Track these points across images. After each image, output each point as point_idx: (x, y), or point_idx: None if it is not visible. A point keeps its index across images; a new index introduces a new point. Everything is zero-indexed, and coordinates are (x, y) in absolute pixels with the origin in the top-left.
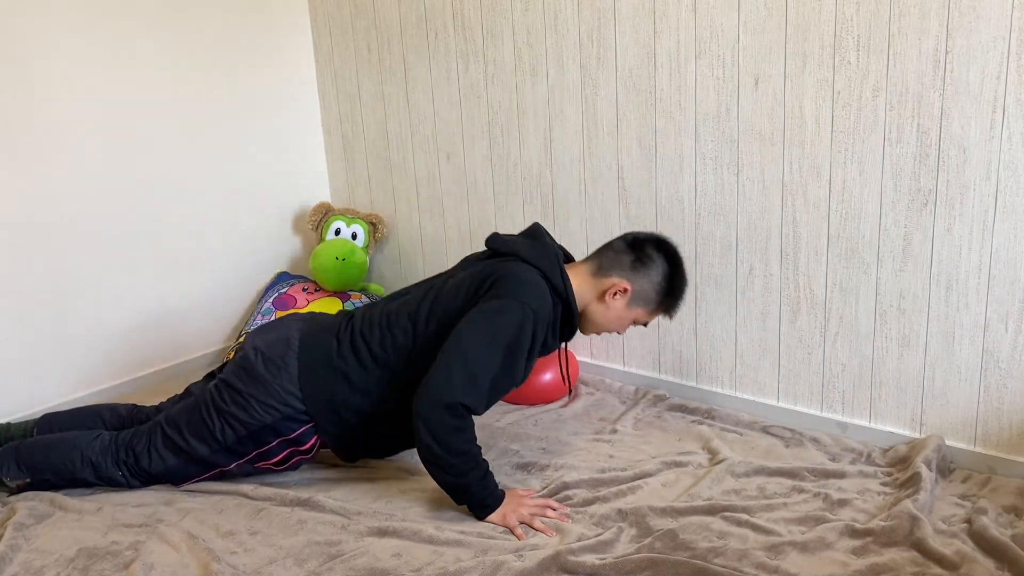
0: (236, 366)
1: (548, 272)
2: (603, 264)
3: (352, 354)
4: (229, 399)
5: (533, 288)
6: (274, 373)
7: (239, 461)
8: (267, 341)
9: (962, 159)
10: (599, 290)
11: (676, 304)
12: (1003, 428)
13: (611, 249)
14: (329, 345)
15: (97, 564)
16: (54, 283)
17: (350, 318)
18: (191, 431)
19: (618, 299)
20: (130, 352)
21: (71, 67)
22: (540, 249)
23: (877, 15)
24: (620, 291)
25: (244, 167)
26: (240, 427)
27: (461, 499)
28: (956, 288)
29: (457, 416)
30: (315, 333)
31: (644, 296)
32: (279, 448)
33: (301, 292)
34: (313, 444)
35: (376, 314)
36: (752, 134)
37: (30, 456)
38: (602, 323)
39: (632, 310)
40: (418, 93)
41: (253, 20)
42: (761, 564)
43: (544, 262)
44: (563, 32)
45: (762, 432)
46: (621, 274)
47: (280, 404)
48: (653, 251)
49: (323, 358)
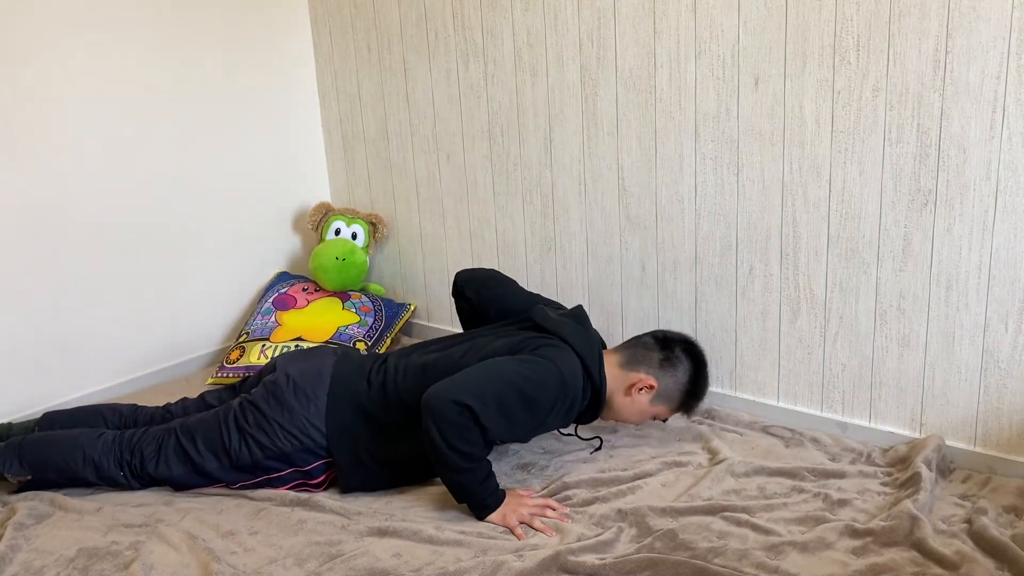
0: (265, 390)
1: (588, 362)
2: (632, 358)
3: (382, 399)
4: (252, 421)
5: (569, 366)
6: (303, 403)
7: (244, 481)
8: (300, 370)
9: (962, 159)
10: (626, 383)
11: (696, 405)
12: (1003, 428)
13: (641, 345)
14: (360, 386)
15: (97, 564)
16: (54, 283)
17: (383, 362)
18: (206, 444)
19: (643, 395)
20: (130, 352)
21: (71, 67)
22: (584, 337)
23: (877, 15)
24: (647, 387)
25: (244, 167)
26: (258, 450)
27: (461, 497)
28: (956, 288)
29: (463, 416)
30: (347, 371)
31: (668, 395)
32: (289, 477)
33: (301, 292)
34: (323, 480)
35: (412, 363)
36: (752, 134)
37: (33, 453)
38: (624, 415)
39: (654, 406)
40: (418, 93)
41: (253, 20)
42: (761, 564)
43: (587, 351)
44: (563, 32)
45: (762, 432)
46: (649, 371)
47: (302, 435)
48: (681, 352)
49: (352, 398)
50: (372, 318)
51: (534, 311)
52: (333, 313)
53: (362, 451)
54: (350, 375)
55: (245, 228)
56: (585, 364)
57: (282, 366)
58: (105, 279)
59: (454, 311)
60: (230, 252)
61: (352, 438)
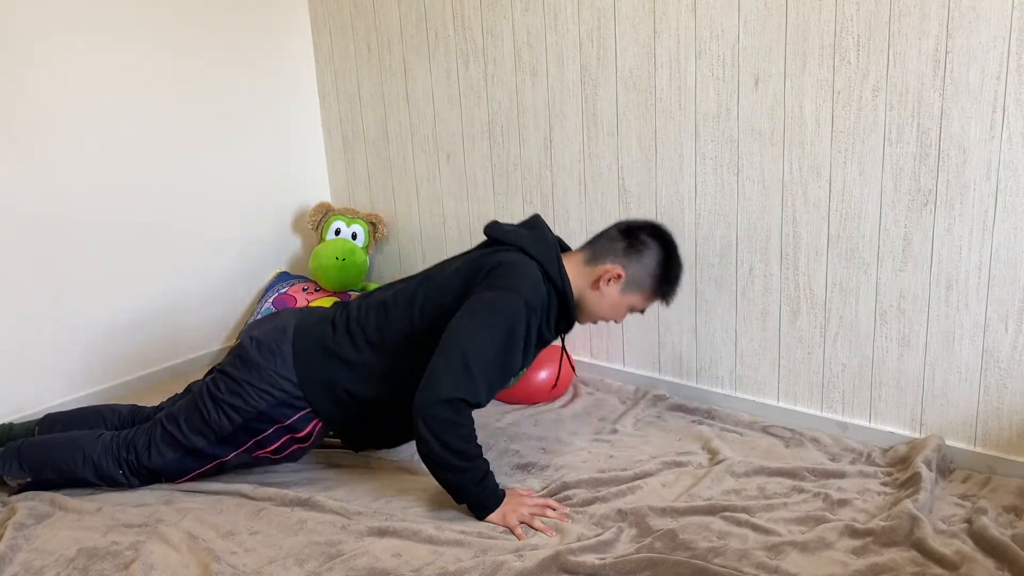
0: (232, 356)
1: (547, 264)
2: (597, 252)
3: (347, 339)
4: (224, 387)
5: (528, 280)
6: (268, 358)
7: (236, 451)
8: (263, 331)
9: (962, 159)
10: (593, 277)
11: (672, 289)
12: (1003, 428)
13: (605, 237)
14: (324, 331)
15: (97, 564)
16: (54, 283)
17: (345, 306)
18: (189, 424)
19: (612, 286)
20: (130, 352)
21: (70, 67)
22: (540, 241)
23: (877, 15)
24: (613, 277)
25: (244, 167)
26: (235, 415)
27: (460, 498)
28: (956, 288)
29: (455, 411)
30: (311, 322)
31: (638, 282)
32: (275, 436)
33: (301, 292)
34: (310, 432)
35: (372, 301)
36: (752, 134)
37: (32, 455)
38: (597, 311)
39: (627, 296)
40: (418, 93)
41: (253, 20)
42: (761, 564)
43: (543, 254)
44: (563, 32)
45: (762, 432)
46: (615, 260)
47: (274, 389)
48: (647, 237)
49: (318, 342)
50: None
51: (488, 225)
52: None
53: (338, 391)
54: (313, 324)
55: (245, 228)
56: (544, 269)
57: (246, 332)
58: (105, 279)
59: None
60: (230, 252)
61: (325, 380)
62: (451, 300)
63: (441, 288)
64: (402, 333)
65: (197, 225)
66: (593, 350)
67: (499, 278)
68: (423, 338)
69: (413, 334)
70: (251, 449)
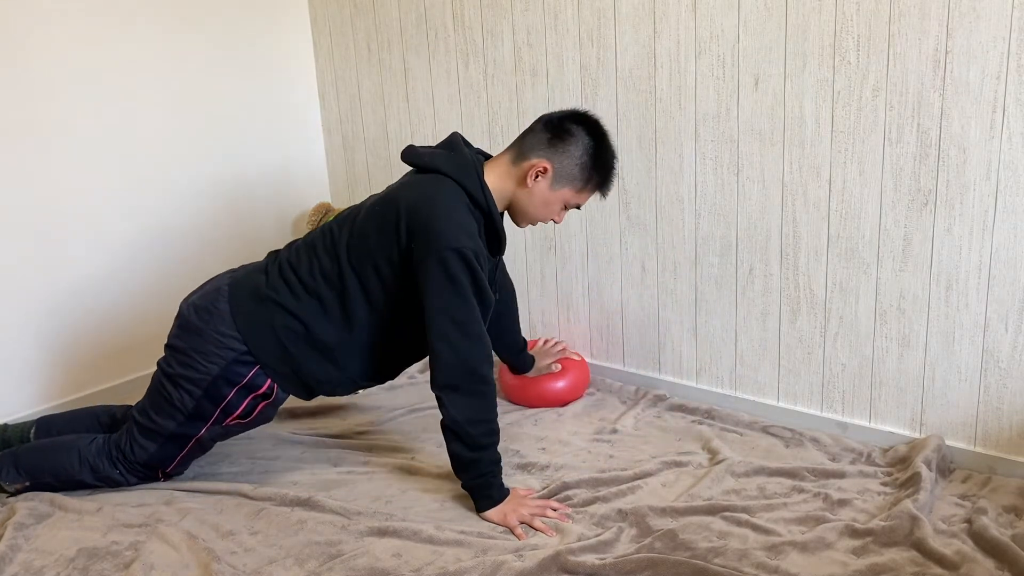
0: (174, 326)
1: (467, 184)
2: (521, 150)
3: (282, 283)
4: (175, 362)
5: (453, 221)
6: (206, 320)
7: (207, 424)
8: (199, 294)
9: (962, 159)
10: (520, 176)
11: (606, 179)
12: (1003, 428)
13: (529, 133)
14: (258, 280)
15: (97, 564)
16: (53, 282)
17: (276, 254)
18: (155, 410)
19: (540, 181)
20: (129, 352)
21: (70, 68)
22: (458, 160)
23: (877, 15)
24: (540, 171)
25: (244, 167)
26: (193, 387)
27: (468, 478)
28: (956, 288)
29: (478, 380)
30: (243, 275)
31: (567, 174)
32: (238, 398)
33: None
34: (270, 385)
35: (301, 243)
36: (752, 134)
37: (28, 460)
38: (530, 210)
39: (557, 191)
40: (418, 93)
41: (253, 20)
42: (761, 564)
43: (462, 174)
44: (563, 32)
45: (762, 432)
46: (540, 154)
47: (220, 349)
48: (572, 125)
49: (253, 293)
50: None
51: (404, 150)
52: None
53: (281, 333)
54: (246, 278)
55: (245, 228)
56: (465, 188)
57: (183, 302)
58: (105, 279)
59: None
60: (230, 252)
61: (267, 329)
62: (373, 238)
63: (363, 227)
64: (333, 272)
65: (197, 225)
66: (593, 350)
67: (431, 235)
68: (353, 279)
69: (343, 274)
70: (219, 419)
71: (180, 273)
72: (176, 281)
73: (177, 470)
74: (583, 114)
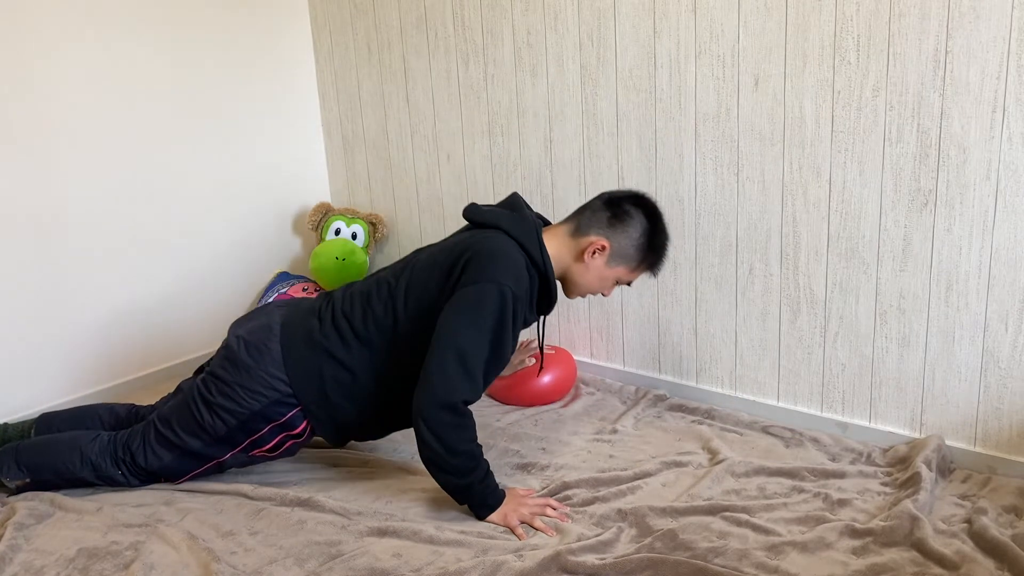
0: (221, 357)
1: (527, 245)
2: (581, 224)
3: (334, 331)
4: (216, 390)
5: (508, 265)
6: (257, 359)
7: (233, 451)
8: (249, 329)
9: (962, 159)
10: (577, 250)
11: (658, 260)
12: (1003, 428)
13: (589, 208)
14: (311, 325)
15: (97, 564)
16: (53, 283)
17: (329, 297)
18: (182, 427)
19: (597, 258)
20: (129, 352)
21: (70, 67)
22: (520, 221)
23: (877, 15)
24: (598, 249)
25: (244, 167)
26: (230, 417)
27: (462, 499)
28: (956, 288)
29: (457, 414)
30: (296, 316)
31: (623, 253)
32: (271, 434)
33: (301, 292)
34: (305, 427)
35: (355, 291)
36: (752, 134)
37: (29, 456)
38: (583, 284)
39: (612, 269)
40: (418, 93)
41: (253, 20)
42: (761, 564)
43: (524, 235)
44: (563, 32)
45: (762, 432)
46: (599, 232)
47: (266, 389)
48: (631, 207)
49: (305, 338)
50: None
51: (467, 207)
52: None
53: (328, 385)
54: (300, 319)
55: (245, 228)
56: (525, 248)
57: (232, 330)
58: (104, 279)
59: None
60: (230, 252)
61: (315, 377)
62: (434, 289)
63: (421, 277)
64: (388, 323)
65: (197, 225)
66: (593, 350)
67: (481, 268)
68: (407, 328)
69: (398, 324)
70: (247, 448)
71: (180, 272)
72: (176, 281)
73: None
74: (642, 196)
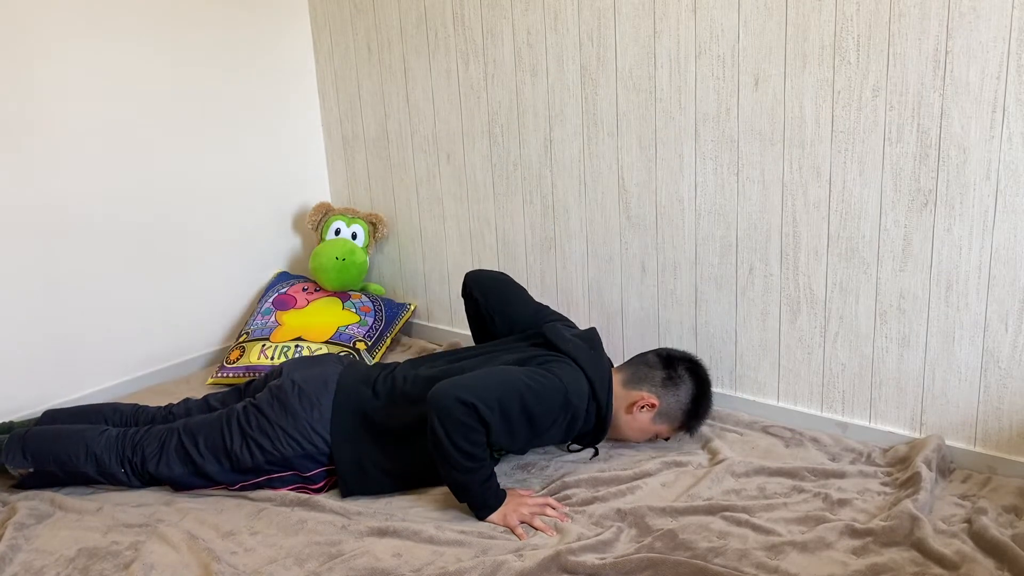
0: (271, 395)
1: (598, 387)
2: (635, 377)
3: (387, 408)
4: (255, 424)
5: (575, 385)
6: (307, 409)
7: (244, 482)
8: (305, 376)
9: (962, 159)
10: (628, 401)
11: (699, 424)
12: (1003, 428)
13: (644, 363)
14: (365, 394)
15: (97, 564)
16: (54, 283)
17: (391, 372)
18: (208, 445)
19: (645, 413)
20: (130, 352)
21: (71, 68)
22: (597, 361)
23: (877, 15)
24: (648, 405)
25: (244, 167)
26: (259, 453)
27: (463, 496)
28: (956, 288)
29: (469, 415)
30: (353, 379)
31: (669, 414)
32: (289, 480)
33: (301, 292)
34: (323, 486)
35: (421, 375)
36: (752, 134)
37: (36, 444)
38: (626, 432)
39: (656, 425)
40: (418, 93)
41: (253, 20)
42: (761, 564)
43: (597, 376)
44: (563, 32)
45: (762, 432)
46: (652, 389)
47: (305, 441)
48: (684, 371)
49: (357, 406)
50: (372, 318)
51: (546, 328)
52: (333, 313)
53: (365, 459)
54: (356, 383)
55: (245, 228)
56: (594, 388)
57: (288, 371)
58: (105, 279)
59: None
60: (230, 252)
61: (356, 445)
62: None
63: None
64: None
65: (197, 225)
66: None
67: (558, 370)
68: None
69: None
70: (260, 484)
71: (179, 272)
72: (175, 281)
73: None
74: (697, 362)
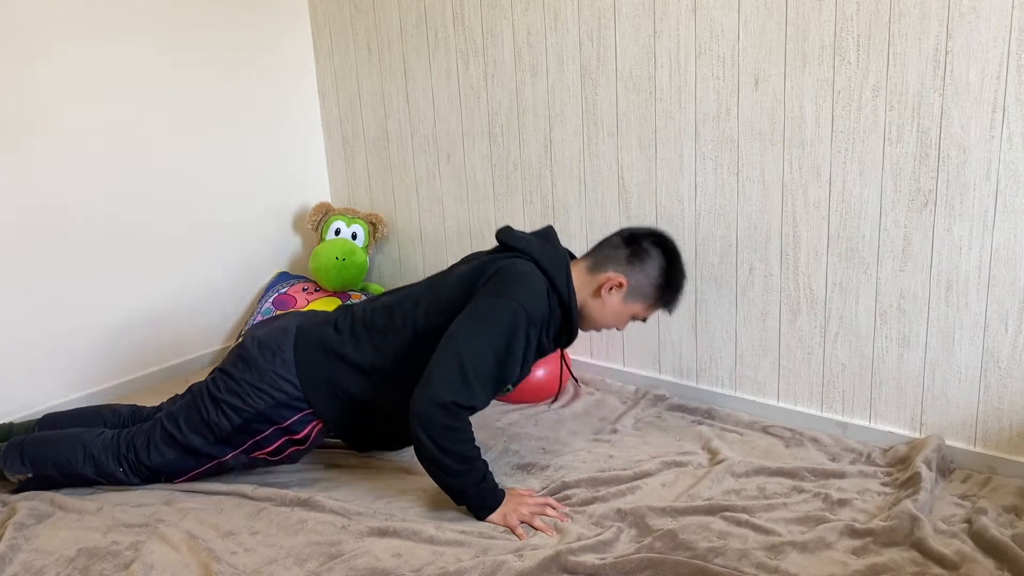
0: (234, 355)
1: (555, 277)
2: (599, 260)
3: (352, 341)
4: (224, 387)
5: (530, 288)
6: (268, 359)
7: (234, 452)
8: (265, 331)
9: (962, 159)
10: (595, 285)
11: (674, 298)
12: (1003, 428)
13: (607, 244)
14: (327, 332)
15: (97, 564)
16: (54, 283)
17: (349, 309)
18: (188, 423)
19: (614, 294)
20: (130, 352)
21: (72, 68)
22: (550, 252)
23: (877, 15)
24: (615, 285)
25: (244, 167)
26: (234, 415)
27: (460, 499)
28: (956, 288)
29: (451, 415)
30: (313, 323)
31: (640, 290)
32: (274, 436)
33: (301, 292)
34: (308, 434)
35: (378, 304)
36: (752, 134)
37: (34, 450)
38: (599, 319)
39: (629, 305)
40: (418, 93)
41: (253, 20)
42: (761, 564)
43: (553, 266)
44: (563, 32)
45: (762, 432)
46: (617, 269)
47: (273, 389)
48: (649, 245)
49: (320, 343)
50: None
51: (501, 230)
52: None
53: (339, 391)
54: (316, 326)
55: (245, 228)
56: (552, 280)
57: (249, 332)
58: (105, 279)
59: None
60: (230, 252)
61: (326, 381)
62: (456, 303)
63: (446, 292)
64: (407, 336)
65: (197, 225)
66: (593, 350)
67: (502, 284)
68: (427, 341)
69: (417, 337)
70: (249, 450)
71: (179, 272)
72: (176, 281)
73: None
74: (661, 234)
